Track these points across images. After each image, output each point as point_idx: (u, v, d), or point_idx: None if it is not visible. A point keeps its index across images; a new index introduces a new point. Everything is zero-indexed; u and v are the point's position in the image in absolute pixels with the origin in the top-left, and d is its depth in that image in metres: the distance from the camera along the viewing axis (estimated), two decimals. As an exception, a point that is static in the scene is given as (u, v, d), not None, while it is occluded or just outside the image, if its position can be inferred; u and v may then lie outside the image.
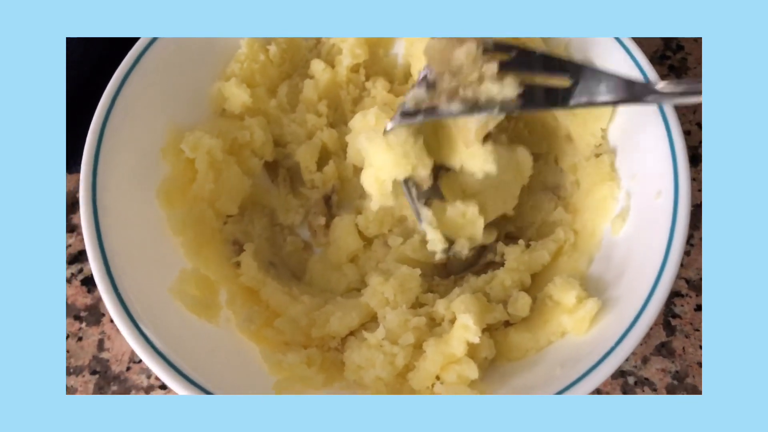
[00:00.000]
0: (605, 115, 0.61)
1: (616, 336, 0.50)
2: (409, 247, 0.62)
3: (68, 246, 0.70)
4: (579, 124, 0.62)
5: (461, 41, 0.54)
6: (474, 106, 0.53)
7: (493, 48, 0.54)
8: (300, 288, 0.63)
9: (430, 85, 0.55)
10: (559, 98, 0.53)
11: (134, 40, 0.63)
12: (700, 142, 0.74)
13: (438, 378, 0.54)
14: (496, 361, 0.56)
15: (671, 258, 0.51)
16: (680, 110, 0.76)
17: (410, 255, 0.61)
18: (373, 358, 0.54)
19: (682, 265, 0.68)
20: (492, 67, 0.52)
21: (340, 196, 0.66)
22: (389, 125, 0.56)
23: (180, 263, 0.59)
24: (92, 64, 0.69)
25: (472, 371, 0.52)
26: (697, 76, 0.78)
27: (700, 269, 0.68)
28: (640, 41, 0.79)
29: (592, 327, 0.53)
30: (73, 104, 0.65)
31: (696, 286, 0.67)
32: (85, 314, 0.67)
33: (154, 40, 0.63)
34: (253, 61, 0.67)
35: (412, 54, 0.66)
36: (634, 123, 0.59)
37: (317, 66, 0.69)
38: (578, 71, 0.54)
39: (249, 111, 0.67)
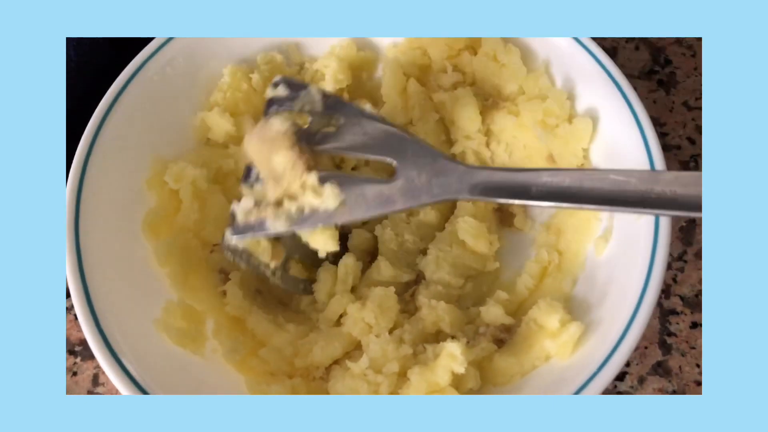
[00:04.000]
0: (586, 135, 0.60)
1: (600, 360, 0.49)
2: (375, 271, 0.62)
3: (61, 279, 0.71)
4: (560, 144, 0.61)
5: (277, 144, 0.54)
6: (299, 220, 0.54)
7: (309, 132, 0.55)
8: (286, 315, 0.62)
9: (255, 184, 0.56)
10: (385, 201, 0.53)
11: (119, 71, 0.64)
12: (692, 156, 0.74)
13: (421, 407, 0.53)
14: (481, 387, 0.55)
15: (653, 279, 0.51)
16: (670, 125, 0.76)
17: (377, 278, 0.61)
18: (357, 387, 0.54)
19: (675, 281, 0.67)
20: (312, 178, 0.53)
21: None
22: (227, 237, 0.57)
23: (166, 295, 0.59)
24: (78, 96, 0.70)
25: (454, 400, 0.52)
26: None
27: (694, 285, 0.67)
28: (627, 55, 0.80)
29: (576, 351, 0.53)
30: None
31: (691, 303, 0.66)
32: (79, 348, 0.67)
33: (136, 72, 0.63)
34: (236, 90, 0.68)
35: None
36: (615, 142, 0.59)
37: (301, 92, 0.69)
38: (403, 159, 0.53)
39: (233, 139, 0.67)
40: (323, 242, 0.56)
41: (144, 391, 0.50)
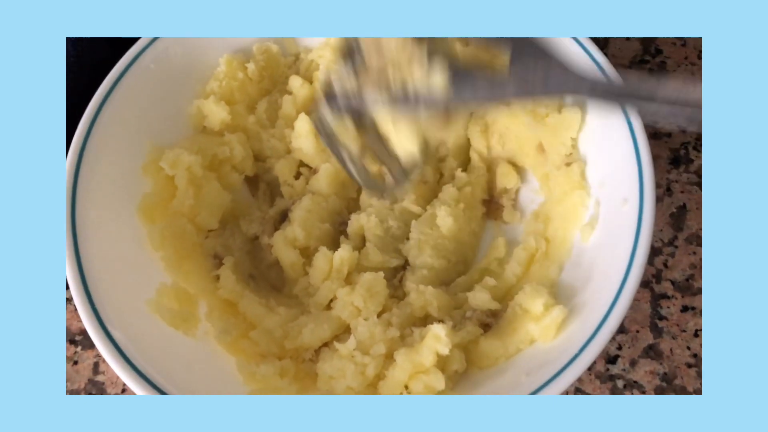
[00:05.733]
0: (575, 124, 0.61)
1: (581, 343, 0.50)
2: (364, 257, 0.63)
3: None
4: (550, 134, 0.62)
5: None
6: (402, 98, 0.49)
7: None
8: (278, 300, 0.64)
9: (356, 59, 0.52)
10: (495, 86, 0.48)
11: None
12: (682, 143, 0.74)
13: (406, 387, 0.54)
14: (466, 369, 0.57)
15: (635, 264, 0.52)
16: (661, 114, 0.76)
17: (366, 264, 0.62)
18: (345, 368, 0.55)
19: (666, 266, 0.68)
20: (421, 51, 0.49)
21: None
22: (322, 105, 0.54)
23: (160, 278, 0.60)
24: (77, 90, 0.71)
25: (438, 382, 0.53)
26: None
27: (685, 270, 0.68)
28: (618, 45, 0.80)
29: (560, 334, 0.54)
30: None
31: (681, 288, 0.67)
32: (80, 338, 0.68)
33: (133, 60, 0.64)
34: (232, 78, 0.69)
35: None
36: (603, 131, 0.60)
37: (295, 82, 0.70)
38: (518, 52, 0.48)
39: (228, 127, 0.68)
40: (406, 139, 0.53)
41: (135, 369, 0.51)
